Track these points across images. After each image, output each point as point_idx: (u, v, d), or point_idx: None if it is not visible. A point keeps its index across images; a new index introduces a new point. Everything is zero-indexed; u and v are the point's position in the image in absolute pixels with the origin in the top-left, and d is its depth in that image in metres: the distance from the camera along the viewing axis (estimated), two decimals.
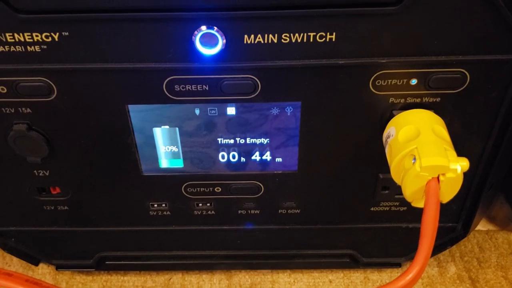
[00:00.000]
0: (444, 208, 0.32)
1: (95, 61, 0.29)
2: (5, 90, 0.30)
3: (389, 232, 0.39)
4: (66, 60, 0.29)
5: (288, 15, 0.27)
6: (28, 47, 0.28)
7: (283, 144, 0.34)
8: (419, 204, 0.29)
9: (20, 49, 0.28)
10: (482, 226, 0.46)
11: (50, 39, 0.28)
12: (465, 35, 0.28)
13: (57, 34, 0.28)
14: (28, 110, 0.31)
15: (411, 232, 0.39)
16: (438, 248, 0.40)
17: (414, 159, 0.28)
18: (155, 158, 0.34)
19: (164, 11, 0.27)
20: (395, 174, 0.30)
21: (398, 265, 0.42)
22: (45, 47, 0.28)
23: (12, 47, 0.28)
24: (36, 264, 0.42)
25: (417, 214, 0.33)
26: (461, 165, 0.28)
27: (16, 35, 0.28)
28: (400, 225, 0.39)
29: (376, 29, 0.28)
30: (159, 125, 0.33)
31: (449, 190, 0.28)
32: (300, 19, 0.27)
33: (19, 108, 0.31)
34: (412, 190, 0.28)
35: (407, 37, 0.28)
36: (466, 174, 0.28)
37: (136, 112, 0.32)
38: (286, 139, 0.33)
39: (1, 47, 0.28)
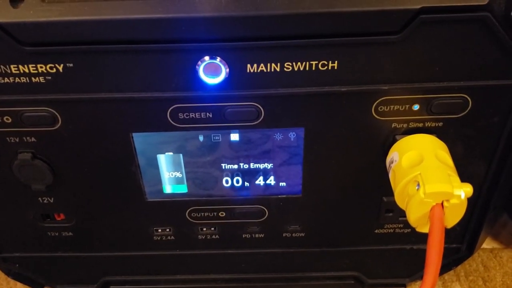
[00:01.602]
0: (448, 230, 0.31)
1: (100, 91, 0.29)
2: (10, 120, 0.30)
3: (393, 254, 0.39)
4: (71, 90, 0.29)
5: (290, 45, 0.27)
6: (33, 78, 0.29)
7: (287, 169, 0.34)
8: (424, 230, 0.29)
9: (25, 80, 0.29)
10: (487, 244, 0.46)
11: (54, 70, 0.28)
12: (466, 61, 0.28)
13: (62, 65, 0.28)
14: (33, 139, 0.31)
15: (416, 253, 0.39)
16: (443, 268, 0.40)
17: (418, 185, 0.28)
18: (159, 184, 0.34)
19: (168, 42, 0.27)
20: (399, 200, 0.30)
21: (403, 286, 0.42)
22: (49, 78, 0.28)
23: (17, 78, 0.28)
24: None
25: (421, 235, 0.32)
26: (465, 191, 0.28)
27: (21, 66, 0.28)
28: (405, 246, 0.39)
29: (378, 57, 0.28)
30: (163, 151, 0.33)
31: (454, 215, 0.28)
32: (302, 49, 0.27)
33: (24, 137, 0.31)
34: (417, 216, 0.28)
35: (409, 64, 0.28)
36: (469, 197, 0.28)
37: (140, 140, 0.32)
38: (290, 163, 0.34)
39: (6, 78, 0.28)
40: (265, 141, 0.33)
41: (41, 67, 0.28)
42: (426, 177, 0.28)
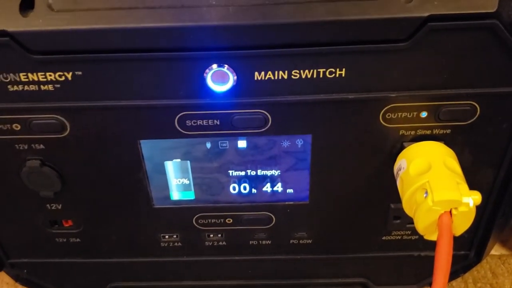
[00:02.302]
0: (457, 237, 0.32)
1: (108, 98, 0.29)
2: (19, 128, 0.31)
3: (401, 260, 0.39)
4: (79, 98, 0.29)
5: (298, 53, 0.27)
6: (42, 86, 0.29)
7: (294, 176, 0.34)
8: (432, 237, 0.29)
9: (34, 88, 0.29)
10: (495, 250, 0.46)
11: (63, 78, 0.28)
12: (474, 68, 0.28)
13: (70, 73, 0.28)
14: (41, 146, 0.32)
15: (423, 260, 0.39)
16: (451, 275, 0.40)
17: (426, 193, 0.28)
18: (166, 190, 0.35)
19: (176, 50, 0.27)
20: (407, 207, 0.30)
21: None
22: (58, 86, 0.29)
23: (26, 86, 0.29)
24: None
25: (429, 242, 0.32)
26: (474, 198, 0.27)
27: (30, 75, 0.28)
28: (412, 253, 0.39)
29: (386, 64, 0.28)
30: (170, 158, 0.33)
31: (462, 223, 0.28)
32: (310, 56, 0.27)
33: (32, 145, 0.32)
34: (425, 224, 0.28)
35: (417, 71, 0.28)
36: (478, 204, 0.28)
37: (148, 147, 0.32)
38: (297, 171, 0.34)
39: (16, 86, 0.29)
40: (272, 148, 0.33)
41: (50, 75, 0.28)
42: (434, 185, 0.28)
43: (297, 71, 0.28)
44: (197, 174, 0.34)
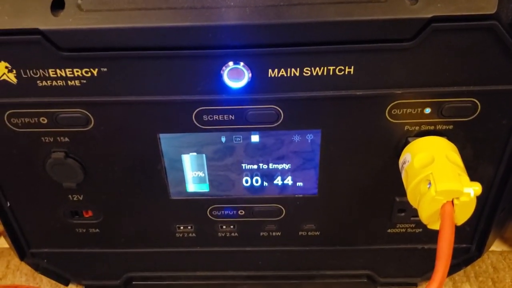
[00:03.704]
0: (459, 230, 0.33)
1: (131, 94, 0.31)
2: (46, 121, 0.32)
3: (405, 253, 0.41)
4: (104, 94, 0.31)
5: (309, 51, 0.29)
6: (69, 82, 0.30)
7: (303, 169, 0.36)
8: (435, 226, 0.30)
9: (61, 83, 0.30)
10: (496, 246, 0.47)
11: (89, 74, 0.30)
12: (475, 67, 0.30)
13: (96, 70, 0.30)
14: (66, 139, 0.33)
15: (427, 253, 0.40)
16: (453, 268, 0.42)
17: (430, 184, 0.30)
18: (182, 183, 0.36)
19: (195, 49, 0.29)
20: (412, 198, 0.31)
21: (415, 285, 0.43)
22: (84, 81, 0.30)
23: (54, 81, 0.30)
24: (66, 284, 0.44)
25: (432, 235, 0.34)
26: (474, 189, 0.29)
27: (58, 71, 0.30)
28: (416, 246, 0.40)
29: (392, 62, 0.29)
30: (187, 152, 0.35)
31: (463, 213, 0.30)
32: (321, 55, 0.29)
33: (58, 137, 0.33)
34: (428, 213, 0.30)
35: (421, 69, 0.30)
36: (479, 197, 0.30)
37: (167, 140, 0.34)
38: (307, 164, 0.35)
39: (44, 81, 0.30)
40: (284, 142, 0.34)
41: (77, 71, 0.30)
42: (437, 176, 0.29)
43: (309, 69, 0.30)
44: (212, 167, 0.36)
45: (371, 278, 0.43)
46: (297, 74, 0.30)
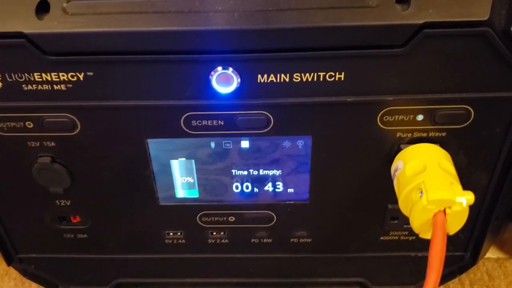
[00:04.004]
0: (453, 238, 0.32)
1: (118, 98, 0.30)
2: (32, 125, 0.32)
3: (398, 261, 0.40)
4: (90, 98, 0.30)
5: (299, 57, 0.28)
6: (55, 86, 0.30)
7: (294, 176, 0.35)
8: (427, 236, 0.30)
9: (47, 87, 0.30)
10: (492, 253, 0.47)
11: (75, 78, 0.30)
12: (468, 73, 0.29)
13: (82, 74, 0.29)
14: (52, 143, 0.33)
15: (420, 261, 0.40)
16: (448, 276, 0.41)
17: (421, 192, 0.29)
18: (171, 188, 0.36)
19: (183, 53, 0.28)
20: (403, 207, 0.31)
21: None
22: (70, 85, 0.30)
23: (39, 85, 0.30)
24: None
25: (425, 243, 0.33)
26: (467, 198, 0.28)
27: (44, 75, 0.30)
28: (409, 253, 0.40)
29: (383, 69, 0.29)
30: (176, 157, 0.34)
31: (456, 222, 0.29)
32: (311, 60, 0.29)
33: (44, 142, 0.33)
34: (420, 223, 0.29)
35: (413, 76, 0.29)
36: (472, 205, 0.29)
37: (155, 146, 0.33)
38: (298, 171, 0.35)
39: (30, 85, 0.30)
40: (274, 148, 0.34)
41: (62, 75, 0.30)
42: (429, 185, 0.29)
43: (299, 74, 0.29)
44: (201, 173, 0.35)
45: (364, 285, 0.42)
46: (287, 79, 0.30)
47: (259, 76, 0.29)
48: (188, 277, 0.42)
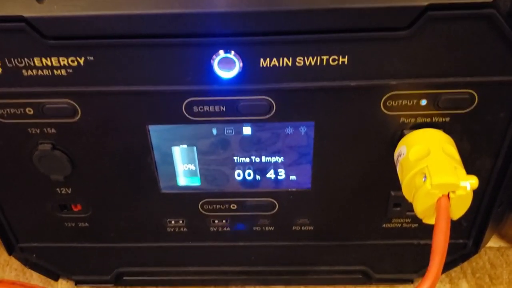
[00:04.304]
0: (455, 225, 0.32)
1: (118, 84, 0.30)
2: (32, 112, 0.32)
3: (401, 249, 0.40)
4: (91, 83, 0.30)
5: (302, 40, 0.28)
6: (55, 71, 0.30)
7: (297, 163, 0.35)
8: (430, 221, 0.30)
9: (47, 73, 0.30)
10: (494, 242, 0.46)
11: (76, 63, 0.29)
12: (472, 57, 0.29)
13: (83, 58, 0.29)
14: (53, 130, 0.33)
15: (423, 249, 0.40)
16: (450, 264, 0.41)
17: (425, 177, 0.29)
18: (173, 176, 0.35)
19: (184, 37, 0.28)
20: (407, 192, 0.31)
21: (410, 281, 0.43)
22: (71, 71, 0.30)
23: (40, 71, 0.30)
24: (56, 280, 0.43)
25: (428, 230, 0.33)
26: (471, 183, 0.28)
27: (44, 59, 0.29)
28: (412, 241, 0.40)
29: (387, 52, 0.29)
30: (177, 144, 0.34)
31: (459, 207, 0.29)
32: (314, 44, 0.28)
33: (45, 129, 0.33)
34: (423, 207, 0.29)
35: (417, 59, 0.29)
36: (476, 192, 0.29)
37: (156, 132, 0.33)
38: (300, 157, 0.35)
39: (30, 71, 0.30)
40: (276, 135, 0.34)
41: (63, 60, 0.29)
42: (432, 169, 0.29)
43: (301, 58, 0.29)
44: (203, 160, 0.35)
45: (366, 274, 0.42)
46: (290, 64, 0.29)
47: (262, 60, 0.29)
48: (189, 266, 0.42)
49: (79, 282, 0.43)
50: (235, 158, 0.35)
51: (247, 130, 0.33)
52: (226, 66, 0.29)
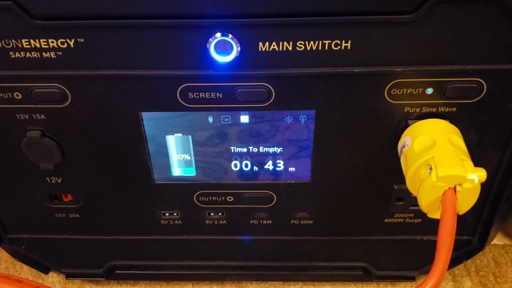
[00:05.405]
0: (460, 221, 0.31)
1: (110, 68, 0.29)
2: (20, 96, 0.30)
3: (403, 245, 0.39)
4: (81, 67, 0.29)
5: (303, 23, 0.27)
6: (44, 54, 0.28)
7: (296, 154, 0.34)
8: (435, 215, 0.28)
9: (35, 55, 0.29)
10: (498, 240, 0.45)
11: (65, 45, 0.28)
12: (481, 44, 0.28)
13: (73, 40, 0.28)
14: (42, 116, 0.31)
15: (426, 245, 0.39)
16: (454, 262, 0.40)
17: (430, 169, 0.28)
18: (167, 166, 0.34)
19: (179, 18, 0.27)
20: (411, 184, 0.29)
21: (412, 278, 0.41)
22: (60, 53, 0.28)
23: (28, 53, 0.28)
24: (46, 273, 0.42)
25: (432, 226, 0.32)
26: (479, 175, 0.27)
27: (32, 41, 0.28)
28: (415, 237, 0.38)
29: (392, 37, 0.27)
30: (172, 132, 0.33)
31: (466, 201, 0.28)
32: (315, 27, 0.27)
33: (33, 115, 0.31)
34: (428, 201, 0.28)
35: (422, 45, 0.28)
36: (482, 187, 0.28)
37: (149, 120, 0.32)
38: (300, 148, 0.33)
39: (17, 53, 0.28)
40: (275, 124, 0.32)
41: (52, 42, 0.28)
42: (438, 161, 0.28)
43: (302, 43, 0.28)
44: (199, 150, 0.34)
45: (367, 270, 0.41)
46: (290, 48, 0.28)
47: (260, 44, 0.28)
48: (184, 260, 0.41)
49: (70, 276, 0.42)
50: (232, 148, 0.34)
51: (244, 119, 0.32)
52: (223, 50, 0.28)
